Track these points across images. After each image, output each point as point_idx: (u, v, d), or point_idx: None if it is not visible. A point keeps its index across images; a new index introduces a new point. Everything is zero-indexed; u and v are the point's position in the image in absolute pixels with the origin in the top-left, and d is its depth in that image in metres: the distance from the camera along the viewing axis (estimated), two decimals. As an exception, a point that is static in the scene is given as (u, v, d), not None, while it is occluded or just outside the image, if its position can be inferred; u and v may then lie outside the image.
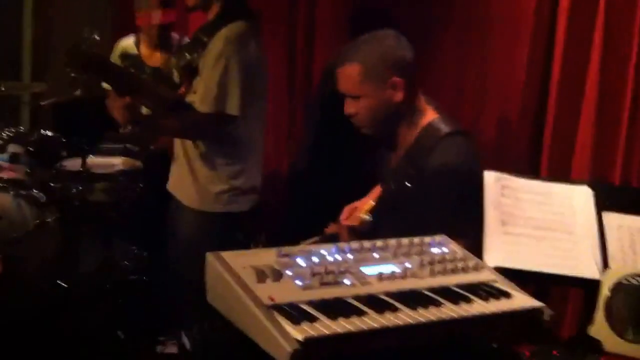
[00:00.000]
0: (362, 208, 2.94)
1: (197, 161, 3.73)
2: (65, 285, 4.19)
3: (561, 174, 3.22)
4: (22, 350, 3.57)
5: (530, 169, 3.44)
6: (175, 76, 3.83)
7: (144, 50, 4.82)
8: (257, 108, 3.73)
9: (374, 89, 2.73)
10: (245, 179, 3.76)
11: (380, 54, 2.73)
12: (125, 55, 4.82)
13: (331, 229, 2.91)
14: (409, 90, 2.75)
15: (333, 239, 2.84)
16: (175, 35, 4.85)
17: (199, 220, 3.77)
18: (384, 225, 2.83)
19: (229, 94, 3.54)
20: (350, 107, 2.81)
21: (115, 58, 4.82)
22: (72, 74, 3.57)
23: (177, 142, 3.84)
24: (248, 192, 3.79)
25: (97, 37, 3.47)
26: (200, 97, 3.59)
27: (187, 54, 3.73)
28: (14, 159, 4.35)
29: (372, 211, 2.90)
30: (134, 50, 4.83)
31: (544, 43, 3.49)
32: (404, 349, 1.80)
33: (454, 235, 2.26)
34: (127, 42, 4.88)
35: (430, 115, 2.78)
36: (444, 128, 2.73)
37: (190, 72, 3.69)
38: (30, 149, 4.36)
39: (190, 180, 3.76)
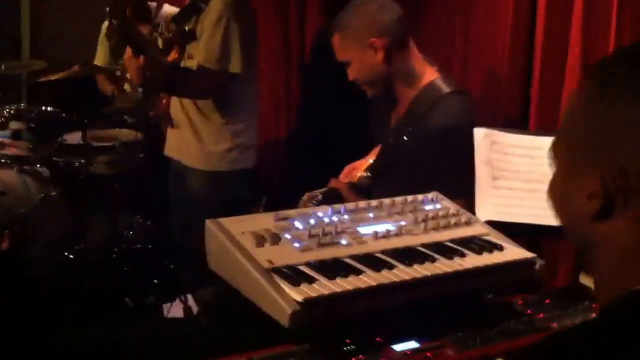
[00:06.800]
0: (361, 167, 3.01)
1: (200, 122, 3.80)
2: (73, 257, 4.26)
3: (549, 127, 3.25)
4: (31, 324, 3.63)
5: (520, 125, 3.48)
6: (160, 44, 3.87)
7: None
8: (253, 68, 3.82)
9: (355, 53, 2.85)
10: (247, 136, 3.84)
11: (357, 19, 2.84)
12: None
13: (332, 184, 2.98)
14: (394, 51, 2.81)
15: (335, 194, 2.91)
16: (152, 4, 4.87)
17: (206, 181, 3.84)
18: (382, 182, 2.89)
19: (232, 53, 3.62)
20: (349, 74, 2.92)
21: (102, 37, 4.90)
22: (113, 21, 3.71)
23: (177, 107, 3.89)
24: (250, 149, 3.87)
25: None
26: (203, 57, 3.65)
27: (183, 20, 3.77)
28: (16, 135, 4.40)
29: (370, 169, 2.97)
30: None
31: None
32: (401, 305, 1.83)
33: (455, 193, 2.30)
34: None
35: (430, 75, 2.84)
36: (444, 88, 2.79)
37: (184, 37, 3.74)
38: (32, 125, 4.41)
39: (194, 142, 3.83)
